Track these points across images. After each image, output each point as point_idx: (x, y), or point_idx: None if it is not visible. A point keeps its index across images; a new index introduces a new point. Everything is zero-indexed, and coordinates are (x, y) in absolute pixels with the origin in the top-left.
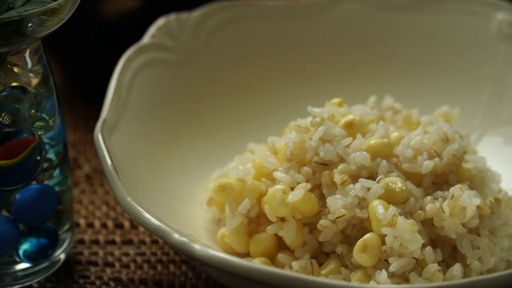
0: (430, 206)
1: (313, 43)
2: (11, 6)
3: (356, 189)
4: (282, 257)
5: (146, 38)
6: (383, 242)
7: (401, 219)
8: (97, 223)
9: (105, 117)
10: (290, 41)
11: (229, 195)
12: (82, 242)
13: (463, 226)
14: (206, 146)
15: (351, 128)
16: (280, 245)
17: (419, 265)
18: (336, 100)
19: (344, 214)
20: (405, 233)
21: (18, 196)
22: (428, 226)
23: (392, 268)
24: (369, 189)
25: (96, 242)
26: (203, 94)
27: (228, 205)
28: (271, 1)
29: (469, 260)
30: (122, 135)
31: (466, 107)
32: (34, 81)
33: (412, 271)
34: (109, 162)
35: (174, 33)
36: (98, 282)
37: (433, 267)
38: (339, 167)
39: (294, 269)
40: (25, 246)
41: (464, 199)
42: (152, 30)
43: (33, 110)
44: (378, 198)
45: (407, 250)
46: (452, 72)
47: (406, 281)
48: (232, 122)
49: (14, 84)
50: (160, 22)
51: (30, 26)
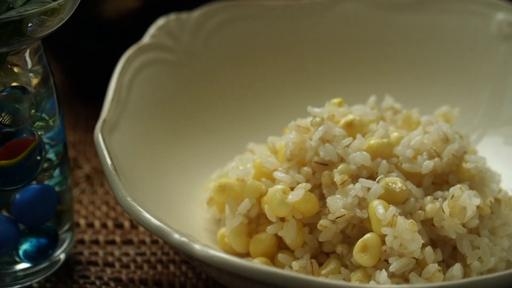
0: (430, 206)
1: (313, 43)
2: (11, 6)
3: (356, 189)
4: (282, 257)
5: (146, 38)
6: (383, 242)
7: (401, 219)
8: (97, 223)
9: (105, 117)
10: (290, 41)
11: (229, 195)
12: (82, 242)
13: (463, 226)
14: (206, 146)
15: (351, 128)
16: (280, 245)
17: (419, 265)
18: (336, 100)
19: (344, 214)
20: (405, 233)
21: (18, 196)
22: (428, 226)
23: (392, 268)
24: (369, 189)
25: (96, 242)
26: (203, 94)
27: (228, 205)
28: (271, 1)
29: (469, 260)
30: (122, 135)
31: (466, 107)
32: (34, 81)
33: (412, 271)
34: (109, 162)
35: (174, 33)
36: (98, 282)
37: (433, 267)
38: (339, 167)
39: (294, 269)
40: (25, 246)
41: (464, 199)
42: (152, 30)
43: (33, 110)
44: (378, 198)
45: (407, 250)
46: (452, 72)
47: (406, 281)
48: (232, 122)
49: (14, 84)
50: (160, 22)
51: (30, 26)
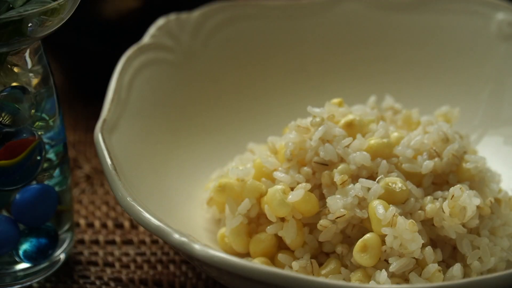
0: (430, 206)
1: (313, 43)
2: (11, 6)
3: (356, 189)
4: (282, 257)
5: (146, 38)
6: (383, 242)
7: (401, 219)
8: (97, 223)
9: (105, 117)
10: (290, 41)
11: (229, 195)
12: (82, 242)
13: (463, 226)
14: (206, 146)
15: (351, 128)
16: (280, 245)
17: (419, 265)
18: (336, 100)
19: (344, 214)
20: (405, 233)
21: (18, 196)
22: (428, 226)
23: (392, 268)
24: (369, 189)
25: (96, 242)
26: (203, 94)
27: (228, 205)
28: (271, 1)
29: (469, 260)
30: (122, 135)
31: (466, 107)
32: (34, 81)
33: (412, 271)
34: (109, 162)
35: (174, 33)
36: (98, 282)
37: (433, 267)
38: (339, 167)
39: (294, 269)
40: (25, 246)
41: (464, 199)
42: (152, 30)
43: (33, 110)
44: (378, 198)
45: (407, 250)
46: (452, 72)
47: (406, 281)
48: (232, 122)
49: (14, 84)
50: (160, 22)
51: (30, 26)
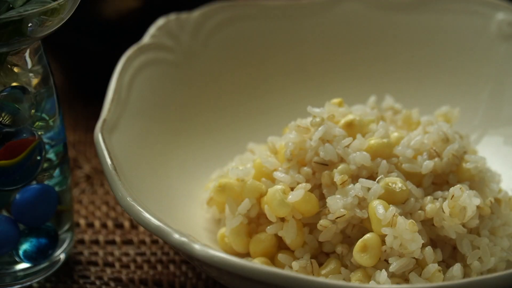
0: (430, 206)
1: (313, 43)
2: (11, 6)
3: (356, 189)
4: (282, 257)
5: (146, 38)
6: (383, 242)
7: (401, 219)
8: (97, 223)
9: (105, 117)
10: (290, 41)
11: (229, 195)
12: (82, 242)
13: (463, 226)
14: (206, 146)
15: (351, 128)
16: (280, 245)
17: (419, 265)
18: (336, 100)
19: (344, 214)
20: (405, 233)
21: (18, 196)
22: (428, 226)
23: (392, 268)
24: (369, 189)
25: (96, 242)
26: (203, 94)
27: (228, 205)
28: (271, 1)
29: (469, 260)
30: (122, 135)
31: (466, 107)
32: (34, 81)
33: (412, 271)
34: (109, 162)
35: (174, 33)
36: (98, 282)
37: (433, 267)
38: (339, 167)
39: (294, 269)
40: (25, 246)
41: (464, 199)
42: (152, 30)
43: (33, 110)
44: (378, 198)
45: (407, 250)
46: (452, 72)
47: (406, 281)
48: (232, 122)
49: (14, 84)
50: (160, 22)
51: (30, 26)
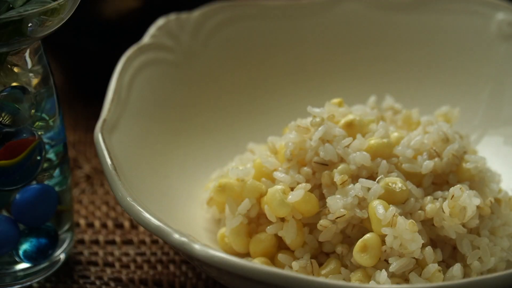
0: (430, 206)
1: (313, 43)
2: (11, 6)
3: (356, 189)
4: (282, 257)
5: (146, 38)
6: (383, 242)
7: (401, 219)
8: (97, 223)
9: (105, 117)
10: (290, 41)
11: (229, 195)
12: (82, 242)
13: (463, 226)
14: (206, 146)
15: (351, 128)
16: (280, 245)
17: (419, 265)
18: (336, 100)
19: (344, 214)
20: (405, 233)
21: (18, 196)
22: (428, 226)
23: (392, 268)
24: (369, 189)
25: (96, 242)
26: (203, 94)
27: (228, 205)
28: (271, 1)
29: (469, 260)
30: (122, 135)
31: (466, 107)
32: (34, 81)
33: (412, 271)
34: (109, 162)
35: (174, 33)
36: (98, 282)
37: (433, 267)
38: (339, 167)
39: (294, 269)
40: (25, 246)
41: (464, 199)
42: (152, 30)
43: (33, 110)
44: (378, 198)
45: (407, 250)
46: (452, 72)
47: (406, 281)
48: (232, 122)
49: (14, 84)
50: (160, 22)
51: (30, 26)
